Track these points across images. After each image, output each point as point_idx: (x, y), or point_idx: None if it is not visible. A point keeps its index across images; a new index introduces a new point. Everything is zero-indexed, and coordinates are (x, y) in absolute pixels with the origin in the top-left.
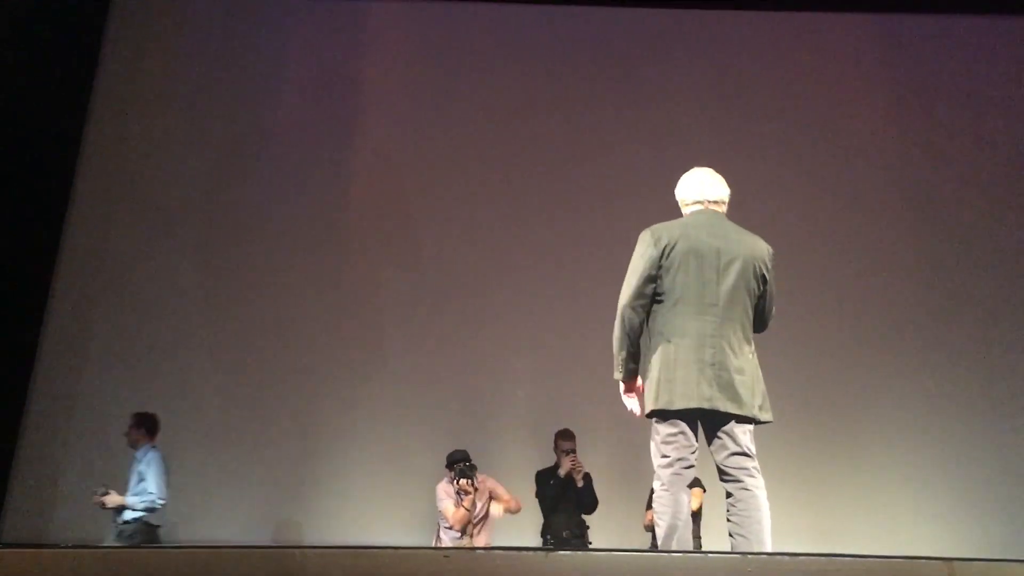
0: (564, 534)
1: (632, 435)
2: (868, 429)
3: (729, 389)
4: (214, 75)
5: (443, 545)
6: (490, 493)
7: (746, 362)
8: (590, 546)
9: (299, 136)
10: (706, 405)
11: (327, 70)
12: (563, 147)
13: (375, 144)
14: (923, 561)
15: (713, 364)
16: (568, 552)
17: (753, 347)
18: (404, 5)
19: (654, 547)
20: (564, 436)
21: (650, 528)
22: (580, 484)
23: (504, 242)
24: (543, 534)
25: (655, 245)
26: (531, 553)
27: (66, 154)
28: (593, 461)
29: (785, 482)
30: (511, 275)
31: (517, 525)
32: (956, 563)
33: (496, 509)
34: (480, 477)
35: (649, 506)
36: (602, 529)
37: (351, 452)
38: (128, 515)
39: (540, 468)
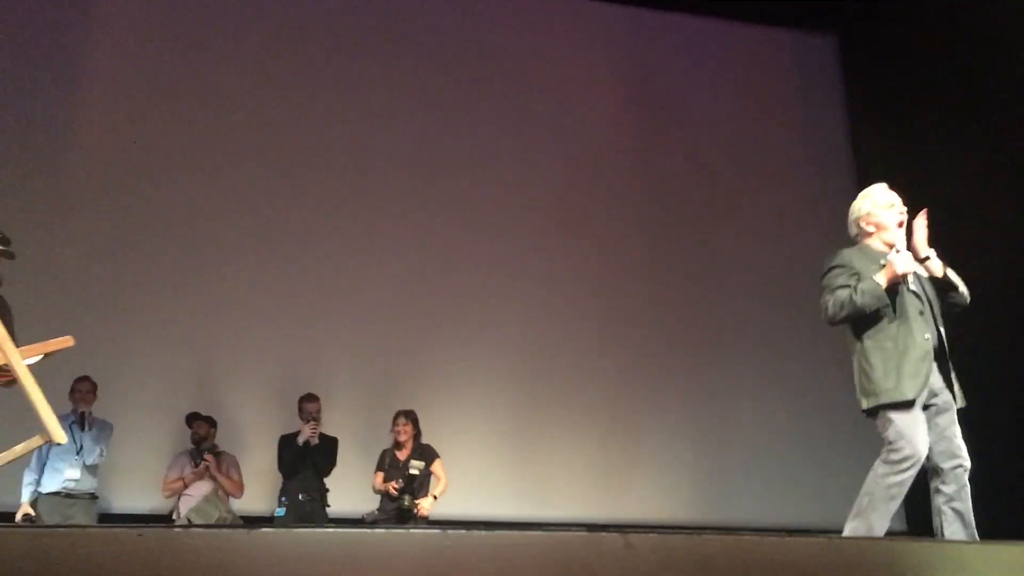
0: (300, 496)
1: (374, 399)
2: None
3: None
4: None
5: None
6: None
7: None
8: (328, 509)
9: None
10: None
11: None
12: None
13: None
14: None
15: None
16: (271, 529)
17: (857, 346)
18: None
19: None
20: (307, 399)
21: (379, 492)
22: (314, 443)
23: (246, 220)
24: (280, 496)
25: None
26: (231, 531)
27: None
28: (338, 424)
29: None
30: (253, 249)
31: (264, 491)
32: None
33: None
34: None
35: (378, 468)
36: (342, 492)
37: None
38: None
39: (284, 433)
